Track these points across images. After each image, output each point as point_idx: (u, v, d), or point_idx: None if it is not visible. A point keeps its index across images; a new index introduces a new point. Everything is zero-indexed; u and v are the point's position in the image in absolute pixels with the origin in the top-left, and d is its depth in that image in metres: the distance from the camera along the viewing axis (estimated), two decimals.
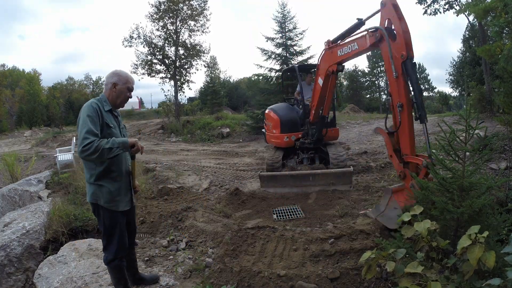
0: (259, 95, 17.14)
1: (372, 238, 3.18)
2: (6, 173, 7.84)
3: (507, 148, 5.82)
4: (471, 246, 1.66)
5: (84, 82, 41.51)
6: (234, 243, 3.46)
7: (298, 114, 6.48)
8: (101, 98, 2.45)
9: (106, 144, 2.17)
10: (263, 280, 2.72)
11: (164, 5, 19.10)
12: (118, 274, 2.52)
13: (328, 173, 5.39)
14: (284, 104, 7.03)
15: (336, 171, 5.43)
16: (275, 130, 6.46)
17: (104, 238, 2.47)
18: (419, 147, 5.73)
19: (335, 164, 5.79)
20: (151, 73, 19.37)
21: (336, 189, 5.23)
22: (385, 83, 47.30)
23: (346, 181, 5.33)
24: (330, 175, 5.34)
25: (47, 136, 17.27)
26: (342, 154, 5.97)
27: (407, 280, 1.71)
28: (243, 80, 50.27)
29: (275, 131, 6.44)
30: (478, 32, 13.51)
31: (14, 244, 4.02)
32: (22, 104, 36.10)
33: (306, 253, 3.14)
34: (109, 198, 2.39)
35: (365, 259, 1.87)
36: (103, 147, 2.16)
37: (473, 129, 2.41)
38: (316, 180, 5.35)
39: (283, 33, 15.78)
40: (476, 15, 8.02)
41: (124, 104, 2.53)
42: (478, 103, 10.19)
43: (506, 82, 5.74)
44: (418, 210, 2.00)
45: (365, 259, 1.87)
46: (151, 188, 5.82)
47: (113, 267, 2.49)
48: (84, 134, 2.16)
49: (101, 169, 2.36)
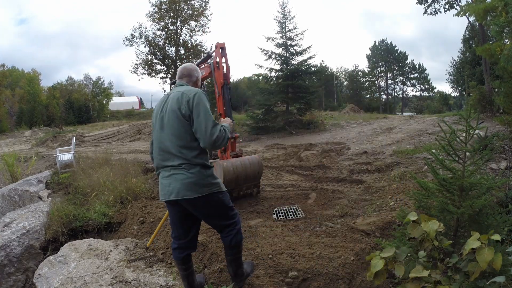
0: (259, 95, 17.16)
1: (372, 238, 3.18)
2: (6, 173, 7.85)
3: (507, 148, 5.82)
4: (481, 248, 1.66)
5: (84, 82, 41.47)
6: None
7: None
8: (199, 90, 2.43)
9: (226, 130, 2.24)
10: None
11: (165, 5, 19.13)
12: (241, 250, 2.55)
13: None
14: None
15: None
16: None
17: (231, 218, 2.46)
18: (419, 147, 5.67)
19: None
20: (151, 73, 19.39)
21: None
22: (385, 83, 47.37)
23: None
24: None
25: (47, 136, 17.26)
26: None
27: (412, 284, 1.71)
28: (243, 80, 50.32)
29: None
30: (478, 32, 13.51)
31: (14, 244, 4.02)
32: (22, 104, 36.05)
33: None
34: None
35: (377, 269, 1.79)
36: (227, 132, 2.22)
37: (473, 129, 2.41)
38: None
39: (283, 33, 15.79)
40: (476, 15, 8.02)
41: None
42: (478, 103, 10.19)
43: (506, 82, 5.74)
44: (413, 217, 2.00)
45: (377, 269, 1.79)
46: (151, 188, 5.82)
47: (240, 242, 2.48)
48: (214, 122, 2.17)
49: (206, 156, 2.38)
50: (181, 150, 2.25)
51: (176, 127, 2.26)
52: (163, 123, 2.33)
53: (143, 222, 4.46)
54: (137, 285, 2.92)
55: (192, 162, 2.25)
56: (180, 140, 2.25)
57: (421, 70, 45.45)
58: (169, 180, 2.30)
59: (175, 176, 2.27)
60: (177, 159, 2.26)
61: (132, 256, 3.50)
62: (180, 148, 2.25)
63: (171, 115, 2.28)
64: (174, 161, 2.27)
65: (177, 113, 2.24)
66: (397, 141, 9.34)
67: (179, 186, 2.24)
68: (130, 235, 4.28)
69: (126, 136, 17.66)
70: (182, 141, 2.25)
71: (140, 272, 3.13)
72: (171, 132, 2.27)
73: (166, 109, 2.33)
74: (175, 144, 2.26)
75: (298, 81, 15.44)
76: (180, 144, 2.25)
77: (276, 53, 15.82)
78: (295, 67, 15.75)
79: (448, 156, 2.50)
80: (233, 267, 2.55)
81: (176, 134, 2.26)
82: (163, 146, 2.32)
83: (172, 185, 2.27)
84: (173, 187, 2.26)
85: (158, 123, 2.36)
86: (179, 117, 2.24)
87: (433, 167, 2.69)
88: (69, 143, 10.26)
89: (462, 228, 2.44)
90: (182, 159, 2.25)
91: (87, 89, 40.76)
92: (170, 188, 2.28)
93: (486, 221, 2.32)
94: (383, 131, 12.06)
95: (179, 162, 2.26)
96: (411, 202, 3.80)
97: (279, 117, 15.70)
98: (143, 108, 47.89)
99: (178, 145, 2.25)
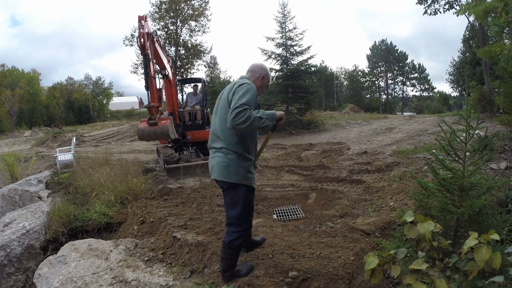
0: (259, 95, 17.17)
1: (372, 238, 3.18)
2: (6, 173, 7.85)
3: (507, 148, 5.82)
4: (479, 247, 1.67)
5: (84, 82, 41.48)
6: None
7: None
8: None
9: (257, 113, 2.25)
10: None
11: (166, 5, 19.12)
12: (237, 255, 2.61)
13: None
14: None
15: None
16: None
17: (242, 221, 2.53)
18: (419, 147, 5.68)
19: None
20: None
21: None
22: (385, 83, 47.36)
23: None
24: None
25: (47, 136, 17.26)
26: None
27: (411, 277, 1.71)
28: None
29: None
30: (478, 33, 13.52)
31: (14, 244, 4.02)
32: (22, 104, 36.06)
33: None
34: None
35: (371, 267, 1.81)
36: (255, 115, 2.23)
37: (473, 129, 2.41)
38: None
39: (283, 33, 15.79)
40: (476, 15, 8.02)
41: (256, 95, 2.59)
42: (478, 103, 10.19)
43: (506, 82, 5.74)
44: (410, 218, 2.00)
45: (371, 267, 1.81)
46: (151, 188, 5.82)
47: (238, 247, 2.53)
48: (241, 103, 2.21)
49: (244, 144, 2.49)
50: (224, 134, 2.46)
51: (223, 112, 2.46)
52: (217, 108, 2.57)
53: (143, 222, 4.45)
54: (137, 285, 2.92)
55: (231, 148, 2.44)
56: (224, 125, 2.42)
57: (421, 70, 45.46)
58: (211, 160, 2.57)
59: (214, 157, 2.52)
60: (220, 142, 2.49)
61: (132, 256, 3.50)
62: (223, 132, 2.46)
63: (222, 101, 2.50)
64: (217, 144, 2.51)
65: (226, 99, 2.44)
66: (397, 141, 9.34)
67: (215, 167, 2.50)
68: (130, 235, 4.28)
69: (126, 136, 17.66)
70: (226, 126, 2.41)
71: (140, 272, 3.13)
72: (220, 117, 2.50)
73: (221, 96, 2.58)
74: (221, 128, 2.48)
75: (298, 81, 15.45)
76: (224, 128, 2.43)
77: (276, 53, 15.83)
78: (295, 67, 15.75)
79: (448, 156, 2.50)
80: (223, 265, 2.62)
81: (223, 118, 2.44)
82: (213, 129, 2.58)
83: (211, 165, 2.56)
84: (212, 167, 2.55)
85: (214, 109, 2.62)
86: (227, 103, 2.42)
87: (433, 167, 2.69)
88: (69, 143, 10.26)
89: (462, 228, 2.44)
90: (223, 143, 2.47)
91: (87, 89, 40.75)
92: (210, 167, 2.57)
93: (486, 221, 2.32)
94: (383, 131, 12.06)
95: (220, 145, 2.48)
96: (411, 202, 3.80)
97: None
98: (143, 108, 47.87)
99: (223, 129, 2.45)
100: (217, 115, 2.53)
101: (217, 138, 2.51)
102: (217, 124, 2.52)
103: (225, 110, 2.42)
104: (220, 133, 2.48)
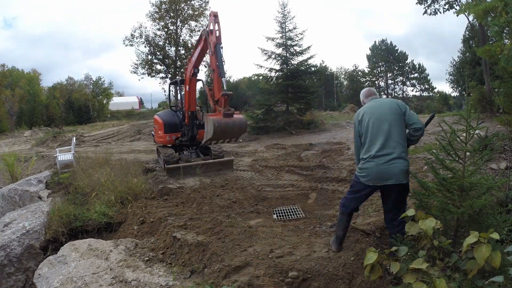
0: (259, 95, 17.15)
1: (372, 238, 3.18)
2: (6, 173, 7.85)
3: (507, 148, 5.81)
4: (479, 245, 1.66)
5: (84, 82, 41.46)
6: (238, 238, 3.46)
7: (179, 119, 7.97)
8: None
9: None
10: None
11: (166, 5, 19.11)
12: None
13: (217, 162, 7.06)
14: (168, 111, 8.59)
15: (223, 160, 7.18)
16: (160, 131, 7.82)
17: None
18: (419, 147, 5.69)
19: (216, 155, 7.42)
20: (151, 73, 19.37)
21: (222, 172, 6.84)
22: (385, 83, 47.38)
23: (229, 166, 7.10)
24: (217, 163, 7.01)
25: (47, 136, 17.25)
26: (220, 147, 7.73)
27: (411, 276, 1.71)
28: (243, 80, 50.24)
29: (160, 132, 7.82)
30: (478, 32, 13.51)
31: (14, 244, 4.02)
32: (22, 104, 36.04)
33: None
34: None
35: (370, 262, 1.83)
36: None
37: (474, 129, 2.41)
38: (209, 167, 6.86)
39: (283, 33, 15.79)
40: (476, 15, 8.01)
41: None
42: (478, 103, 10.18)
43: (506, 82, 5.73)
44: (411, 213, 2.00)
45: (370, 262, 1.83)
46: (151, 188, 5.81)
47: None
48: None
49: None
50: (403, 141, 2.80)
51: (398, 119, 2.85)
52: (380, 117, 2.86)
53: (143, 222, 4.45)
54: (137, 285, 2.92)
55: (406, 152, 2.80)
56: (402, 132, 2.83)
57: (421, 70, 45.44)
58: (391, 167, 2.74)
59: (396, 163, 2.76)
60: (399, 147, 2.77)
61: (132, 256, 3.50)
62: (402, 139, 2.81)
63: (390, 110, 2.84)
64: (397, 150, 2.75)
65: (397, 111, 2.84)
66: None
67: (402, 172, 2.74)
68: (130, 235, 4.28)
69: (126, 136, 17.66)
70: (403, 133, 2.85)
71: (140, 272, 3.13)
72: (396, 124, 2.82)
73: (380, 107, 2.91)
74: (398, 134, 2.78)
75: (298, 81, 15.43)
76: (402, 135, 2.80)
77: (276, 53, 15.82)
78: (295, 67, 15.74)
79: (448, 156, 2.50)
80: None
81: (399, 125, 2.83)
82: (387, 136, 2.80)
83: (393, 171, 2.73)
84: (395, 173, 2.73)
85: (375, 117, 2.88)
86: (399, 114, 2.84)
87: (433, 167, 2.69)
88: (69, 143, 10.25)
89: (462, 228, 2.44)
90: (403, 148, 2.78)
91: (87, 89, 40.73)
92: (391, 173, 2.74)
93: (486, 221, 2.32)
94: None
95: (400, 150, 2.75)
96: (411, 202, 3.80)
97: (279, 117, 15.69)
98: (143, 108, 47.88)
99: (400, 136, 2.80)
100: (387, 123, 2.73)
101: (398, 143, 2.68)
102: (394, 131, 2.71)
103: (400, 118, 2.75)
104: (399, 139, 2.71)
